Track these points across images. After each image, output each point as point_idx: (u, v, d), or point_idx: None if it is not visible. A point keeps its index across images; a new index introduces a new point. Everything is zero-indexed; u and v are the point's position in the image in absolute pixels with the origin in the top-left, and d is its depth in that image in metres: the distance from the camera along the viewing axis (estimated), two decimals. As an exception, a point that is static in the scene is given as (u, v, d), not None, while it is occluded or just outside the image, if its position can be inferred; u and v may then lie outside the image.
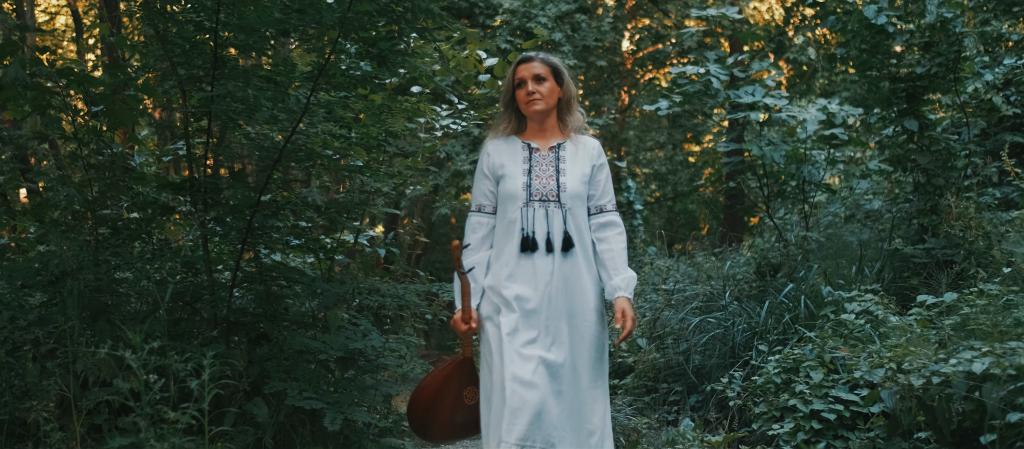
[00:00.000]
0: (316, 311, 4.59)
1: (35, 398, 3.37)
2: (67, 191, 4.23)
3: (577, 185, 2.78)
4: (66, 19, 18.96)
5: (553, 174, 2.79)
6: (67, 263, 3.73)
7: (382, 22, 3.16)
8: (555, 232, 2.73)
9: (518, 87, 2.84)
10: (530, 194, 2.76)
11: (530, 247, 2.71)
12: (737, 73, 6.54)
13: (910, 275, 4.99)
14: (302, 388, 3.66)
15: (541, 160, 2.82)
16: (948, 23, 4.83)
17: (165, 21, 3.93)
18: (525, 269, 2.71)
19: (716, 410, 4.91)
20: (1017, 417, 2.37)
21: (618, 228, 2.84)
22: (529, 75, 2.81)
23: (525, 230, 2.72)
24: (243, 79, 3.62)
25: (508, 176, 2.79)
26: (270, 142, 3.80)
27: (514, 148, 2.85)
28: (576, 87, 2.97)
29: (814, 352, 3.80)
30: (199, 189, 4.07)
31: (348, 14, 3.03)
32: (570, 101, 2.88)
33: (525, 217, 2.73)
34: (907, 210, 5.42)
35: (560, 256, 2.72)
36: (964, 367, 2.59)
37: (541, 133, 2.87)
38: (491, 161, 2.85)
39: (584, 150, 2.86)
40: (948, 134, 5.57)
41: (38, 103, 4.30)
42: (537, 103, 2.80)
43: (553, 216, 2.74)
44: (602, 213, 2.85)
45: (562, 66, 2.90)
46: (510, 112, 2.90)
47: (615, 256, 2.79)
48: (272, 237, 4.27)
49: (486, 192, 2.85)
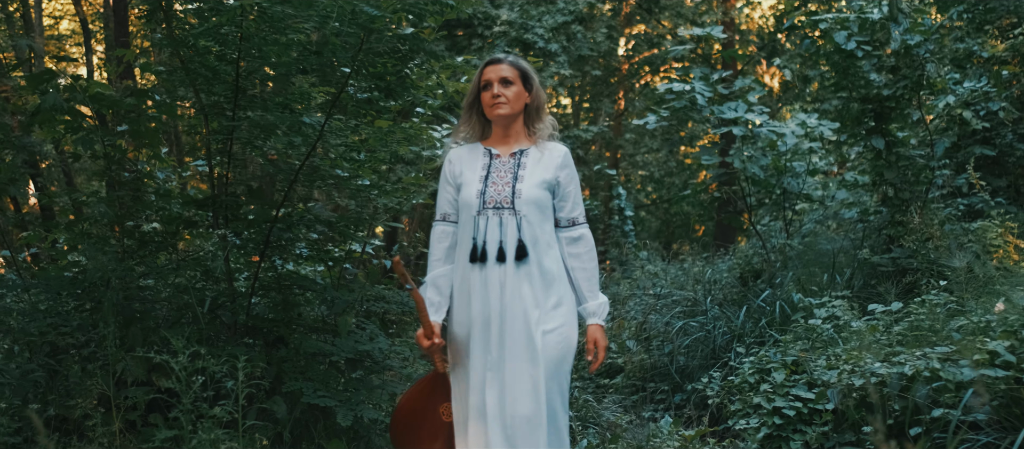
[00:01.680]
0: (326, 316, 4.98)
1: (78, 397, 3.76)
2: (100, 206, 4.61)
3: (534, 191, 2.62)
4: (69, 23, 19.32)
5: (510, 181, 2.64)
6: (105, 274, 4.11)
7: (389, 61, 3.53)
8: (508, 241, 2.57)
9: (483, 89, 2.71)
10: (484, 202, 2.62)
11: (479, 258, 2.58)
12: (721, 90, 6.92)
13: (877, 282, 5.37)
14: (316, 387, 4.04)
15: (500, 167, 2.68)
16: (912, 49, 5.21)
17: (188, 51, 4.32)
18: (476, 281, 2.59)
19: (697, 408, 5.31)
20: (940, 412, 2.75)
21: (589, 245, 2.71)
22: (496, 77, 2.67)
23: (475, 239, 2.59)
24: (262, 108, 4.00)
25: (466, 184, 2.68)
26: (286, 163, 4.18)
27: (475, 155, 2.74)
28: (546, 95, 2.84)
29: (779, 355, 4.19)
30: (220, 205, 4.46)
31: (358, 55, 3.41)
32: (539, 108, 2.74)
33: (477, 226, 2.61)
34: (877, 221, 5.80)
35: (513, 266, 2.56)
36: (897, 369, 2.97)
37: (505, 139, 2.74)
38: (452, 169, 2.74)
39: (549, 156, 2.70)
40: (917, 150, 5.96)
41: (71, 126, 4.69)
42: (501, 107, 2.66)
43: (507, 224, 2.59)
44: (573, 226, 2.71)
45: (532, 71, 2.76)
46: (473, 115, 2.77)
47: (589, 278, 2.67)
48: (287, 249, 4.66)
49: (449, 200, 2.73)
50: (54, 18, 18.14)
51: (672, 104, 6.82)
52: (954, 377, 2.79)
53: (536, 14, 12.55)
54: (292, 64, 3.43)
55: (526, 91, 2.71)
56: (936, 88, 6.38)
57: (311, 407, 4.30)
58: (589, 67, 14.19)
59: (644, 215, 20.26)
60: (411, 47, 3.39)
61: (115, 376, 3.87)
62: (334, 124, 3.84)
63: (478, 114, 2.76)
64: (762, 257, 7.08)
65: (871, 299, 5.57)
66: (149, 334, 4.12)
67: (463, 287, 2.63)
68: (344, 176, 4.30)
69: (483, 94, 2.70)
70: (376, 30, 3.27)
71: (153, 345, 3.92)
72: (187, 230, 4.84)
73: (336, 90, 3.76)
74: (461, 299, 2.64)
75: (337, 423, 3.83)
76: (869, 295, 5.57)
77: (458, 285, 2.66)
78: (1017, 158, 7.39)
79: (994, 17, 7.68)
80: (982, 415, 2.71)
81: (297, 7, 3.18)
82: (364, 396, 4.36)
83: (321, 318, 5.03)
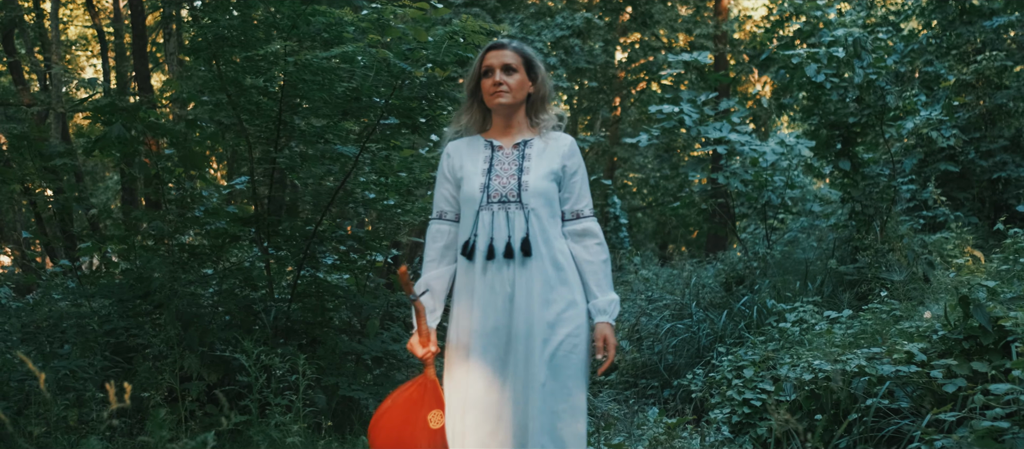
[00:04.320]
0: (353, 320, 5.62)
1: (149, 390, 4.39)
2: (156, 223, 5.24)
3: (541, 182, 2.45)
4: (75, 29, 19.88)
5: (515, 173, 2.47)
6: (164, 283, 4.74)
7: (414, 102, 4.17)
8: (516, 236, 2.41)
9: (484, 76, 2.52)
10: (488, 196, 2.45)
11: (487, 254, 2.41)
12: (707, 111, 7.57)
13: (844, 289, 6.02)
14: (349, 382, 4.68)
15: (503, 159, 2.51)
16: (874, 82, 5.86)
17: (236, 88, 4.95)
18: (481, 281, 2.42)
19: (683, 401, 5.96)
20: (871, 401, 3.39)
21: (597, 238, 2.51)
22: (498, 64, 2.48)
23: (479, 236, 2.43)
24: (303, 141, 4.64)
25: (467, 178, 2.49)
26: (322, 187, 4.81)
27: (475, 147, 2.56)
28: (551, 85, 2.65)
29: (752, 354, 4.83)
30: (263, 223, 5.09)
31: (391, 100, 4.05)
32: (544, 99, 2.57)
33: (481, 222, 2.43)
34: (844, 234, 6.46)
35: (520, 263, 2.40)
36: (839, 366, 3.61)
37: (506, 130, 2.56)
38: (451, 163, 2.56)
39: (554, 146, 2.53)
40: (882, 169, 6.61)
41: (127, 151, 5.33)
42: (503, 96, 2.48)
43: (514, 219, 2.42)
44: (578, 219, 2.52)
45: (537, 59, 2.57)
46: (473, 104, 2.59)
47: (597, 273, 2.48)
48: (319, 261, 5.29)
49: (447, 197, 2.56)
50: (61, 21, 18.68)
51: (662, 124, 7.48)
52: (878, 373, 3.43)
53: (536, 29, 13.20)
54: (336, 107, 4.05)
55: (530, 80, 2.54)
56: (905, 109, 7.04)
57: (344, 398, 4.94)
58: (586, 78, 14.84)
59: (641, 216, 20.91)
60: (434, 92, 4.02)
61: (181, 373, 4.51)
62: (365, 154, 4.48)
63: (479, 102, 2.58)
64: (745, 264, 7.74)
65: (838, 305, 6.22)
66: (205, 335, 4.75)
67: (465, 288, 2.46)
68: (371, 197, 4.93)
69: (484, 81, 2.52)
70: (405, 78, 3.91)
71: (212, 344, 4.57)
72: (231, 244, 5.48)
73: (369, 125, 4.39)
74: (463, 301, 2.46)
75: (369, 412, 4.47)
76: (837, 301, 6.22)
77: (460, 286, 2.49)
78: (978, 173, 8.07)
79: (961, 42, 8.35)
80: (905, 403, 3.35)
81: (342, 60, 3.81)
82: (389, 389, 5.01)
83: (347, 321, 5.67)
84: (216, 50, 4.67)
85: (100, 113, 5.19)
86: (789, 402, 3.96)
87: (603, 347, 2.45)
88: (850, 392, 3.58)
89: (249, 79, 4.89)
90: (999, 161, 8.08)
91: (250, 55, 4.30)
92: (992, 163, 8.08)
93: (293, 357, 4.01)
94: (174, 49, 13.69)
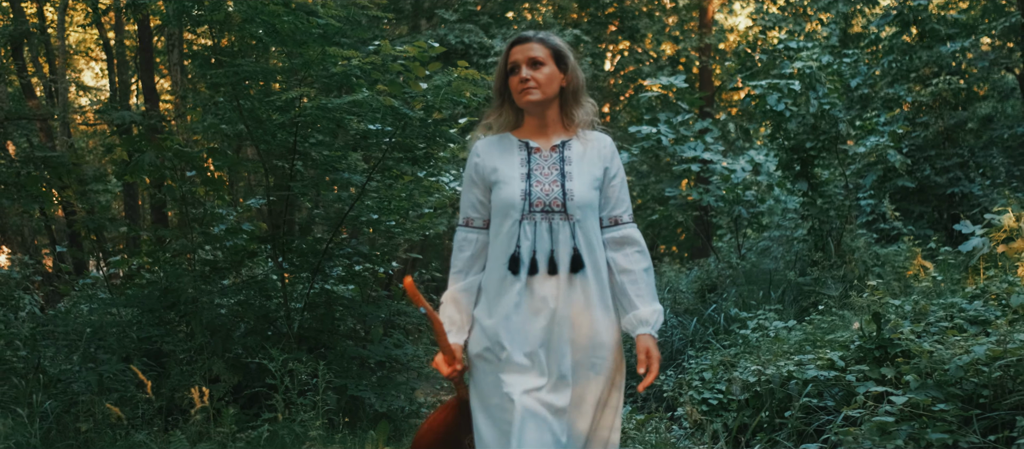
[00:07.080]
0: (356, 327, 6.25)
1: (180, 390, 5.00)
2: (180, 239, 5.86)
3: (586, 192, 2.29)
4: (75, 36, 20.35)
5: (557, 179, 2.29)
6: (192, 294, 5.36)
7: (416, 141, 4.80)
8: (561, 250, 2.25)
9: (511, 73, 2.34)
10: (530, 204, 2.27)
11: (530, 268, 2.24)
12: (683, 131, 8.21)
13: (801, 299, 6.67)
14: (356, 383, 5.31)
15: (542, 162, 2.32)
16: (828, 111, 6.51)
17: (255, 121, 5.55)
18: (524, 296, 2.24)
19: (656, 401, 6.59)
20: (804, 400, 4.02)
21: (638, 246, 2.35)
22: (523, 58, 2.30)
23: (522, 248, 2.25)
24: (315, 167, 5.25)
25: (503, 182, 2.29)
26: (333, 209, 5.44)
27: (509, 148, 2.35)
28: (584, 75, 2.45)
29: (713, 358, 5.46)
30: (279, 240, 5.71)
31: (395, 138, 4.68)
32: (577, 92, 2.37)
33: (524, 232, 2.25)
34: (804, 248, 7.11)
35: (566, 279, 2.24)
36: (777, 370, 4.24)
37: (541, 129, 2.37)
38: (482, 164, 2.35)
39: (594, 149, 2.36)
40: (838, 188, 7.26)
41: (154, 175, 5.93)
42: (532, 93, 2.29)
43: (558, 230, 2.26)
44: (618, 226, 2.35)
45: (566, 48, 2.38)
46: (502, 103, 2.39)
47: (638, 282, 2.32)
48: (327, 274, 5.92)
49: (475, 203, 2.36)
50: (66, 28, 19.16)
51: (640, 144, 8.11)
52: (804, 376, 4.08)
53: (527, 43, 13.79)
54: (347, 145, 4.68)
55: (560, 72, 2.34)
56: (866, 128, 7.69)
57: (351, 398, 5.57)
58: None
59: (632, 219, 21.48)
60: (434, 133, 4.66)
61: (210, 376, 5.13)
62: (371, 183, 5.10)
63: (510, 102, 2.37)
64: (719, 272, 8.38)
65: (799, 314, 6.87)
66: (228, 342, 5.37)
67: (500, 303, 2.26)
68: (375, 218, 5.56)
69: (511, 78, 2.33)
70: (409, 121, 4.54)
71: (234, 350, 5.19)
72: (248, 259, 6.10)
73: (376, 159, 5.02)
74: (496, 317, 2.26)
75: (377, 411, 5.10)
76: (797, 311, 6.87)
77: (492, 300, 2.29)
78: (933, 189, 8.74)
79: (918, 66, 9.02)
80: (831, 402, 3.99)
81: (354, 105, 4.43)
82: (392, 389, 5.64)
83: (351, 328, 6.30)
84: (237, 90, 5.28)
85: (128, 145, 5.81)
86: (739, 401, 4.60)
87: (646, 360, 2.25)
88: (787, 392, 4.22)
89: (265, 115, 5.50)
90: (953, 177, 8.75)
91: (271, 99, 4.92)
92: (947, 179, 8.75)
93: (313, 362, 4.63)
94: (177, 60, 14.25)
